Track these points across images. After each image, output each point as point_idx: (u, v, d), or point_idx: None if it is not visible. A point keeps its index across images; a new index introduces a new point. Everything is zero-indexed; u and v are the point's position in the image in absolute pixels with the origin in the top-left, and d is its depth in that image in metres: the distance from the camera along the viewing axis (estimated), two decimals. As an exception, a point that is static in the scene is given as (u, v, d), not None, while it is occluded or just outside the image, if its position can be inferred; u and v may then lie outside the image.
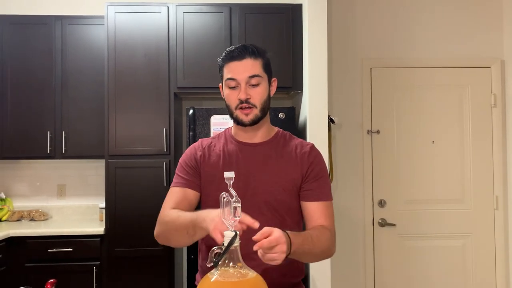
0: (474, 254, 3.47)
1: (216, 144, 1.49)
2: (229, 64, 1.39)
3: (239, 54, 1.38)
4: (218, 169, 1.41)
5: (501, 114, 3.49)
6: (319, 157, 1.47)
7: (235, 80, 1.38)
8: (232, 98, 1.40)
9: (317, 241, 1.31)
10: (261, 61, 1.41)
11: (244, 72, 1.37)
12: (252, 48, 1.40)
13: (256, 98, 1.39)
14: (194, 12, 3.16)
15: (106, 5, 3.14)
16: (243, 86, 1.37)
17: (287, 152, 1.45)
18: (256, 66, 1.39)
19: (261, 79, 1.40)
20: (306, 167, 1.42)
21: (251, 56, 1.38)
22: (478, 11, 3.55)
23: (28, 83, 3.29)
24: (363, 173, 3.47)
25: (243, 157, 1.43)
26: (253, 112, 1.39)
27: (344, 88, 3.48)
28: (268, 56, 1.45)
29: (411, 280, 3.45)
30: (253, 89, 1.39)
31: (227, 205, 1.08)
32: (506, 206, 3.48)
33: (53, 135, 3.28)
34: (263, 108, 1.41)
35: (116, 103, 3.10)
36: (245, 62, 1.38)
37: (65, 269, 2.99)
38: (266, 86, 1.43)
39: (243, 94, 1.37)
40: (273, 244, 1.10)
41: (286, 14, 3.17)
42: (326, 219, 1.41)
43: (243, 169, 1.40)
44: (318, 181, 1.43)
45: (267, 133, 1.48)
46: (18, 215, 3.42)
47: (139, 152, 3.10)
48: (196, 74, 3.12)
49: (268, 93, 1.44)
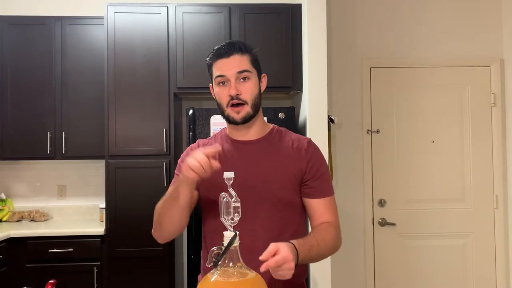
0: (474, 253, 3.47)
1: (212, 144, 1.49)
2: (217, 62, 1.40)
3: (226, 51, 1.38)
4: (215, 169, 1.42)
5: (500, 113, 3.50)
6: (317, 151, 1.47)
7: (224, 77, 1.38)
8: (222, 95, 1.40)
9: (323, 244, 1.32)
10: (248, 57, 1.41)
11: (232, 68, 1.37)
12: (238, 44, 1.40)
13: (247, 94, 1.38)
14: (193, 13, 3.16)
15: (106, 5, 3.14)
16: (233, 82, 1.37)
17: (284, 147, 1.44)
18: (244, 61, 1.39)
19: (250, 74, 1.40)
20: (305, 163, 1.42)
21: (238, 52, 1.39)
22: (477, 11, 3.55)
23: (28, 84, 3.30)
24: (363, 173, 3.47)
25: (239, 155, 1.43)
26: (245, 109, 1.38)
27: (343, 88, 3.49)
28: (255, 52, 1.44)
29: (411, 279, 3.45)
30: (243, 85, 1.38)
31: (227, 205, 1.08)
32: (506, 205, 3.48)
33: (53, 136, 3.29)
34: (254, 104, 1.40)
35: (116, 104, 3.11)
36: (233, 59, 1.38)
37: (65, 269, 2.99)
38: (256, 81, 1.42)
39: (233, 90, 1.37)
40: (280, 264, 1.10)
41: (286, 14, 3.17)
42: (330, 215, 1.42)
43: (240, 167, 1.39)
44: (320, 178, 1.43)
45: (261, 130, 1.47)
46: (18, 216, 3.42)
47: (139, 152, 3.10)
48: (196, 74, 3.12)
49: (258, 89, 1.43)
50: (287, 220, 1.41)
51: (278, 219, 1.39)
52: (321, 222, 1.42)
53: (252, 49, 1.43)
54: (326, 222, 1.41)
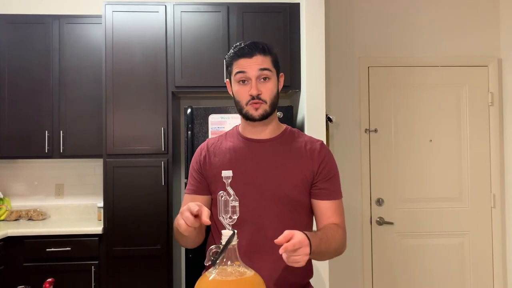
0: (472, 252, 3.48)
1: (223, 142, 1.49)
2: (239, 61, 1.39)
3: (249, 52, 1.38)
4: (224, 167, 1.41)
5: (498, 113, 3.50)
6: (329, 154, 1.47)
7: (245, 74, 1.38)
8: (242, 93, 1.40)
9: (333, 240, 1.32)
10: (270, 58, 1.42)
11: (255, 68, 1.38)
12: (262, 45, 1.40)
13: (267, 94, 1.39)
14: (191, 11, 3.16)
15: (104, 4, 3.13)
16: (254, 81, 1.38)
17: (296, 148, 1.45)
18: (266, 62, 1.40)
19: (271, 74, 1.41)
20: (317, 165, 1.42)
21: (260, 53, 1.39)
22: (474, 10, 3.55)
23: (26, 83, 3.29)
24: (361, 172, 3.48)
25: (251, 153, 1.43)
26: (263, 107, 1.39)
27: (341, 87, 3.49)
28: (276, 52, 1.45)
29: (409, 278, 3.46)
30: (264, 84, 1.39)
31: (225, 203, 1.08)
32: (503, 204, 3.49)
33: (51, 135, 3.28)
34: (272, 103, 1.41)
35: (114, 102, 3.10)
36: (255, 59, 1.38)
37: (63, 268, 2.99)
38: (276, 81, 1.43)
39: (254, 90, 1.37)
40: (296, 247, 1.10)
41: (284, 13, 3.18)
42: (338, 217, 1.42)
43: (251, 165, 1.40)
44: (331, 180, 1.43)
45: (275, 129, 1.48)
46: (16, 215, 3.42)
47: (137, 151, 3.10)
48: (194, 73, 3.12)
49: (277, 89, 1.45)
50: (296, 219, 1.41)
51: (286, 218, 1.39)
52: (328, 224, 1.42)
53: (274, 49, 1.44)
54: (334, 223, 1.41)
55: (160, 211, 3.08)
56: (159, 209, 3.07)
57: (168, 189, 3.07)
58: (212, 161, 1.45)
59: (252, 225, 1.33)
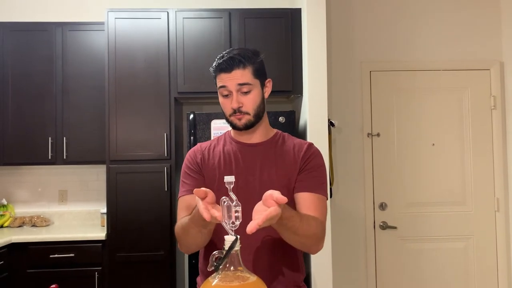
0: (476, 256, 3.47)
1: (216, 146, 1.51)
2: (220, 75, 1.41)
3: (227, 67, 1.39)
4: (218, 170, 1.43)
5: (501, 116, 3.50)
6: (316, 153, 1.47)
7: (226, 88, 1.40)
8: (226, 106, 1.43)
9: (306, 223, 1.27)
10: (250, 69, 1.40)
11: (233, 83, 1.38)
12: (239, 58, 1.39)
13: (249, 105, 1.40)
14: (193, 18, 3.18)
15: (107, 11, 3.15)
16: (235, 95, 1.39)
17: (286, 151, 1.46)
18: (246, 75, 1.39)
19: (252, 86, 1.40)
20: (301, 161, 1.43)
21: (239, 67, 1.38)
22: (476, 14, 3.56)
23: (29, 89, 3.31)
24: (364, 176, 3.47)
25: (243, 156, 1.45)
26: (246, 117, 1.41)
27: (344, 92, 3.49)
28: (260, 59, 1.44)
29: (413, 283, 3.45)
30: (245, 97, 1.40)
31: (228, 209, 1.08)
32: (507, 208, 3.48)
33: (54, 141, 3.30)
34: (256, 113, 1.42)
35: (117, 109, 3.12)
36: (234, 74, 1.38)
37: (67, 274, 2.99)
38: (259, 91, 1.43)
39: (235, 103, 1.39)
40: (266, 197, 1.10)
41: (285, 19, 3.19)
42: (316, 211, 1.37)
43: (243, 168, 1.42)
44: (312, 175, 1.42)
45: (265, 134, 1.49)
46: (19, 221, 3.43)
47: (140, 157, 3.11)
48: (196, 79, 3.13)
49: (261, 97, 1.44)
50: None
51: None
52: None
53: (256, 58, 1.42)
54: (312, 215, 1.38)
55: (163, 217, 3.08)
56: (162, 214, 3.08)
57: (171, 195, 3.08)
58: (207, 164, 1.46)
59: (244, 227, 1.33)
